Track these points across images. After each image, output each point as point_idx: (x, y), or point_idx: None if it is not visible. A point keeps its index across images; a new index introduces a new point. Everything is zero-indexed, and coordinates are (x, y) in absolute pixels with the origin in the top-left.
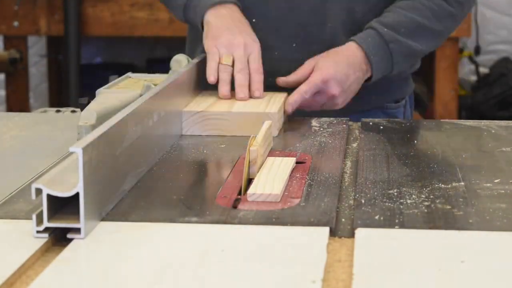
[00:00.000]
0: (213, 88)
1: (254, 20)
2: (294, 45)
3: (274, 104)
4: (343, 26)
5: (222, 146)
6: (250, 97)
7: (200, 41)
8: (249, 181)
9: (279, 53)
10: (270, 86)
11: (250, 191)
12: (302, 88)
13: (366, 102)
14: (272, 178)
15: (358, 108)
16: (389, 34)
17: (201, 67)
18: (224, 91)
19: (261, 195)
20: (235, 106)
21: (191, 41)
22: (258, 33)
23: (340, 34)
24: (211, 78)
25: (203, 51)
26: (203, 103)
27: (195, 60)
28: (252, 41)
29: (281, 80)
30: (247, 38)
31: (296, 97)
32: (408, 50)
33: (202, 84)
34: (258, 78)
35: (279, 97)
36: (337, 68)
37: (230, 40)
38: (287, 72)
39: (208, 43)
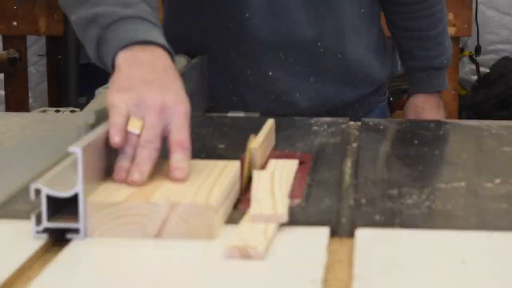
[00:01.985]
0: None
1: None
2: (312, 79)
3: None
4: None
5: (222, 146)
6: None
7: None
8: (249, 181)
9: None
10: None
11: (254, 211)
12: None
13: (367, 104)
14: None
15: (362, 111)
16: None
17: (201, 67)
18: (121, 173)
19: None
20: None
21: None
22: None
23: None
24: (115, 139)
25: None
26: (112, 189)
27: (195, 60)
28: (176, 101)
29: None
30: (168, 97)
31: None
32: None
33: (202, 84)
34: (180, 155)
35: (229, 173)
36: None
37: (142, 97)
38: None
39: (113, 95)
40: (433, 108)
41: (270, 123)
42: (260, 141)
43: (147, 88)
